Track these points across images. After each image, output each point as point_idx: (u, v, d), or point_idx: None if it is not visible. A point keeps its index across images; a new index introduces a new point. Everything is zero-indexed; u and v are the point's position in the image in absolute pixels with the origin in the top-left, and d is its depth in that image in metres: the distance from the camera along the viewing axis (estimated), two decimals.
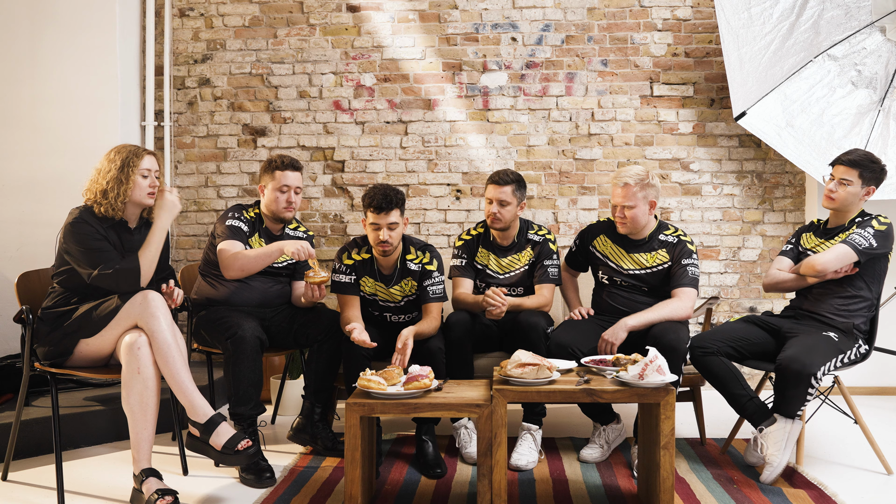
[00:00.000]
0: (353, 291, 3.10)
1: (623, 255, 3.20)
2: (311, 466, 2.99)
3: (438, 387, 2.55)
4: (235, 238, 3.10)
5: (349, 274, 3.12)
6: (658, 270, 3.15)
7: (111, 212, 2.73)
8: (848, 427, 3.45)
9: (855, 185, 2.96)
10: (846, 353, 2.85)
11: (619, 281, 3.20)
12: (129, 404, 2.52)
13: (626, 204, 3.09)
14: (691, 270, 3.11)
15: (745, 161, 4.38)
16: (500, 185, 3.21)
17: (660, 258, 3.15)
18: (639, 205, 3.09)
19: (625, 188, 3.08)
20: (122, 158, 2.74)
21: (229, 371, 2.92)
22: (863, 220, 2.99)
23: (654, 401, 2.40)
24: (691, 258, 3.12)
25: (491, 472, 2.39)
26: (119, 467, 3.00)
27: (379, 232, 3.01)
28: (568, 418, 3.73)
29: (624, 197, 3.08)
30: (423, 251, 3.18)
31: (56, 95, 4.14)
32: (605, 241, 3.26)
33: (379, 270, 3.16)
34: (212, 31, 4.49)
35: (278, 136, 4.48)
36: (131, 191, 2.74)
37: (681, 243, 3.14)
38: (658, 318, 3.01)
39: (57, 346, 2.67)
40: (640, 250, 3.18)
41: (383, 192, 3.00)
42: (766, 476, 2.77)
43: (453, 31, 4.42)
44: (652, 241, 3.17)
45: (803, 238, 3.17)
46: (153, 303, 2.59)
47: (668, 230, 3.20)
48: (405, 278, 3.17)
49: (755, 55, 3.77)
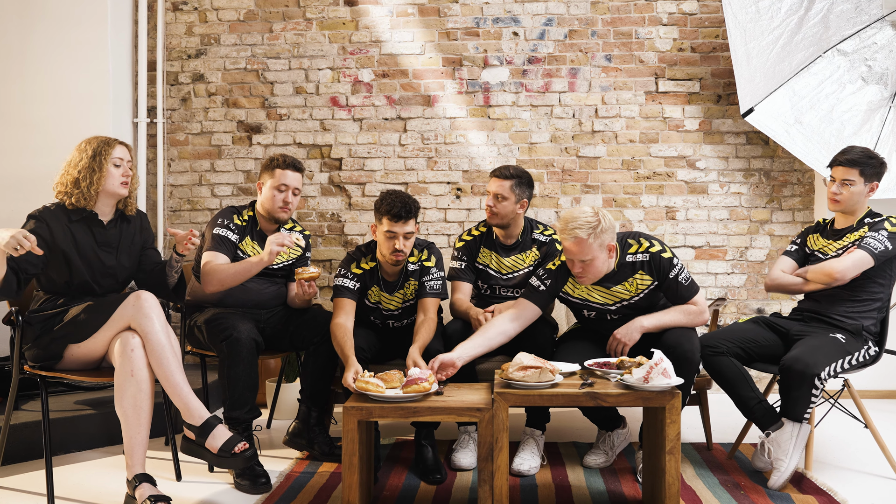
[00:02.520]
0: (354, 297, 3.09)
1: (604, 292, 2.96)
2: (307, 472, 3.00)
3: (439, 391, 2.56)
4: (220, 249, 3.09)
5: (354, 280, 3.10)
6: (647, 294, 2.93)
7: (83, 202, 2.76)
8: (858, 431, 3.46)
9: (858, 184, 2.97)
10: (853, 355, 2.86)
11: (608, 316, 3.02)
12: (122, 407, 2.53)
13: (583, 259, 2.79)
14: (684, 278, 2.88)
15: (752, 159, 4.39)
16: (500, 178, 3.25)
17: (641, 283, 2.91)
18: (597, 255, 2.80)
19: (577, 243, 2.76)
20: (93, 148, 2.79)
21: (224, 374, 2.93)
22: (873, 220, 2.99)
23: (660, 405, 2.40)
24: (675, 266, 2.87)
25: (492, 477, 2.40)
26: (111, 473, 3.00)
27: (395, 241, 2.99)
28: (571, 423, 3.74)
29: (579, 252, 2.77)
30: (421, 249, 3.20)
31: (46, 92, 4.15)
32: (575, 285, 2.98)
33: (383, 278, 3.18)
34: (206, 26, 4.50)
35: (274, 134, 4.49)
36: (104, 180, 2.77)
37: (655, 258, 2.88)
38: (674, 322, 2.86)
39: (46, 350, 2.68)
40: (617, 281, 2.93)
41: (402, 201, 2.96)
42: (773, 481, 2.78)
43: (453, 25, 4.44)
44: (623, 270, 2.91)
45: (810, 239, 3.16)
46: (147, 303, 2.60)
47: (631, 248, 2.91)
48: (407, 282, 3.19)
49: (763, 50, 3.78)
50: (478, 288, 3.39)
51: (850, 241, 2.99)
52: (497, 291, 3.35)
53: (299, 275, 3.05)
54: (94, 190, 2.76)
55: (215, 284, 3.01)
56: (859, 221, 3.02)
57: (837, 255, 3.01)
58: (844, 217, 3.06)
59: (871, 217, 3.02)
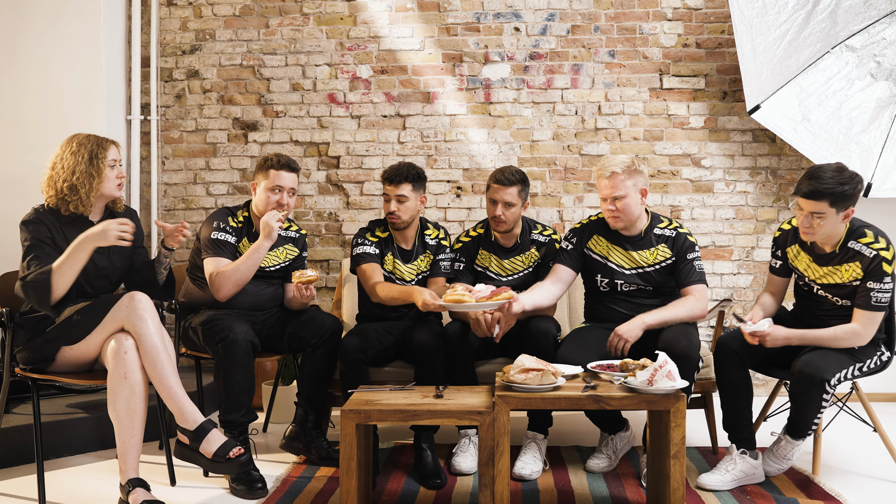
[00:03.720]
0: (377, 260, 3.25)
1: (622, 254, 3.13)
2: (304, 476, 2.99)
3: (438, 394, 2.56)
4: (222, 254, 3.10)
5: (374, 246, 3.27)
6: (662, 267, 3.10)
7: (80, 208, 2.74)
8: (867, 435, 3.45)
9: (829, 215, 2.70)
10: (865, 362, 2.84)
11: (620, 285, 3.12)
12: (115, 411, 2.53)
13: (616, 195, 3.00)
14: (698, 265, 3.06)
15: (759, 157, 4.39)
16: (505, 185, 3.17)
17: (661, 254, 3.10)
18: (629, 194, 3.01)
19: (612, 178, 3.00)
20: (88, 151, 2.74)
21: (220, 376, 2.92)
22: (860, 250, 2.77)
23: (664, 408, 2.40)
24: (695, 251, 3.08)
25: (493, 482, 2.39)
26: (104, 477, 3.00)
27: (389, 203, 3.20)
28: (574, 426, 3.74)
29: (613, 187, 3.00)
30: (437, 228, 3.39)
31: (37, 88, 4.15)
32: (600, 241, 3.17)
33: (399, 247, 3.30)
34: (201, 21, 4.50)
35: (270, 131, 4.48)
36: (102, 184, 2.75)
37: (680, 236, 3.09)
38: (675, 318, 2.98)
39: (38, 353, 2.67)
40: (639, 247, 3.11)
41: (398, 167, 3.23)
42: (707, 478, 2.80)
43: (453, 20, 4.43)
44: (648, 236, 3.11)
45: (790, 252, 2.97)
46: (140, 304, 2.59)
47: (661, 223, 3.14)
48: (423, 253, 3.33)
49: (770, 46, 3.77)
50: None
51: (848, 282, 2.81)
52: None
53: (297, 278, 3.04)
54: (93, 196, 2.74)
55: (230, 287, 3.03)
56: (842, 247, 2.81)
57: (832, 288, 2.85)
58: (824, 241, 2.84)
59: (853, 239, 2.80)
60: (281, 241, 3.29)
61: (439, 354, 3.04)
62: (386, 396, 2.60)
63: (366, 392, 2.68)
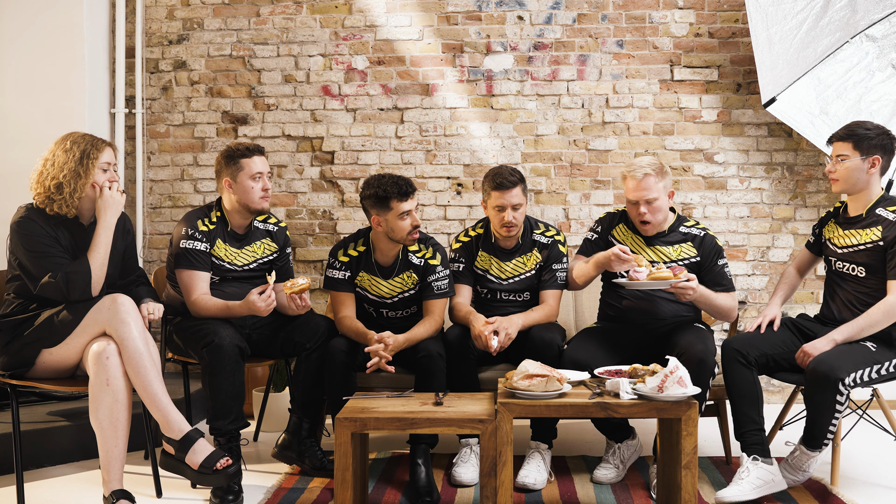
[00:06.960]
0: (347, 289, 3.19)
1: (645, 248, 3.17)
2: (297, 488, 2.99)
3: (437, 401, 2.55)
4: (197, 267, 3.08)
5: (343, 270, 3.19)
6: (687, 265, 3.10)
7: (64, 209, 2.72)
8: (888, 444, 3.45)
9: (852, 157, 2.88)
10: (884, 365, 2.84)
11: None
12: (97, 419, 2.53)
13: (649, 197, 3.06)
14: (728, 271, 3.15)
15: (774, 152, 4.39)
16: (509, 187, 3.15)
17: (686, 252, 3.15)
18: (661, 196, 3.09)
19: (645, 179, 3.05)
20: (80, 150, 2.73)
21: (206, 383, 2.92)
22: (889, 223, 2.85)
23: (675, 416, 2.40)
24: (724, 258, 3.16)
25: (495, 493, 2.39)
26: (87, 489, 2.99)
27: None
28: (580, 435, 3.74)
29: (646, 189, 3.05)
30: (424, 244, 3.23)
31: (17, 80, 4.14)
32: (626, 232, 3.24)
33: (377, 263, 3.21)
34: (188, 9, 4.49)
35: (261, 125, 4.48)
36: (88, 186, 2.74)
37: (708, 238, 3.16)
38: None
39: (16, 357, 2.67)
40: (664, 243, 3.16)
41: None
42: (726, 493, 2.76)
43: (454, 9, 4.43)
44: (674, 234, 3.17)
45: (828, 228, 3.11)
46: (123, 307, 2.59)
47: (688, 222, 3.21)
48: (406, 271, 3.21)
49: (786, 35, 3.77)
50: (477, 292, 3.37)
51: (863, 243, 2.90)
52: (498, 296, 3.34)
53: (289, 289, 3.02)
54: (77, 197, 2.73)
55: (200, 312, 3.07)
56: (869, 211, 2.92)
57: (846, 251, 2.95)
58: (854, 201, 2.98)
59: (882, 206, 2.92)
60: (257, 235, 3.27)
61: (443, 361, 3.04)
62: (382, 404, 2.60)
63: (361, 399, 2.68)
